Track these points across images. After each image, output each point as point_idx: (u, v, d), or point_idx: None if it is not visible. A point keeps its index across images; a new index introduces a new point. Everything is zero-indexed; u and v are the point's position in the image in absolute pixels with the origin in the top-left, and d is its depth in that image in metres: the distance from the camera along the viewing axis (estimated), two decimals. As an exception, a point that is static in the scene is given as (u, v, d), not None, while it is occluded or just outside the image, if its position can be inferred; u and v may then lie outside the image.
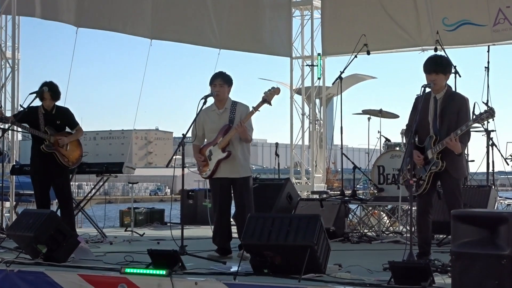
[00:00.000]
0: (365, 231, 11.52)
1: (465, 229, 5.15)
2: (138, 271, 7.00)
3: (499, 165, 12.88)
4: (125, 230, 12.05)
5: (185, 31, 15.12)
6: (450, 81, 7.96)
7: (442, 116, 7.63)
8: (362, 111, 13.22)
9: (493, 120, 7.57)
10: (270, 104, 8.59)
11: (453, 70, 11.44)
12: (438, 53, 11.56)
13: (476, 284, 4.98)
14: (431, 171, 7.61)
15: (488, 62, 13.07)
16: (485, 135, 12.51)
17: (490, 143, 12.55)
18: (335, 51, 15.99)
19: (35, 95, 9.61)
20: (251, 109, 8.66)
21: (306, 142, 16.56)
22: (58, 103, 10.04)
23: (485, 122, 11.89)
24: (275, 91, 8.60)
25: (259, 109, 8.60)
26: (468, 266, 5.03)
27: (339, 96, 13.02)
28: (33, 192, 10.36)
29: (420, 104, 7.55)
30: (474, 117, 7.54)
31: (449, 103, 7.61)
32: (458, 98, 7.72)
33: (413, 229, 7.43)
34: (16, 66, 13.24)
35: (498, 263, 4.90)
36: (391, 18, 14.81)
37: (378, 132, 13.09)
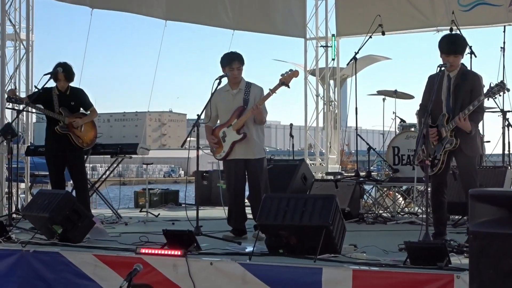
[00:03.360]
0: (380, 212, 11.49)
1: (483, 208, 5.09)
2: (153, 251, 7.00)
3: (515, 146, 12.81)
4: (140, 211, 12.07)
5: (199, 12, 15.05)
6: (466, 62, 7.91)
7: (455, 94, 7.57)
8: (377, 91, 13.17)
9: (505, 93, 7.51)
10: (288, 86, 8.49)
11: (468, 51, 11.39)
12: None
13: (494, 264, 4.93)
14: (445, 149, 7.57)
15: (504, 43, 13.01)
16: (501, 116, 12.44)
17: (506, 124, 12.48)
18: (350, 32, 15.91)
19: (49, 76, 9.58)
20: (267, 91, 8.60)
21: (320, 124, 16.52)
22: (72, 84, 10.03)
23: (500, 102, 11.84)
24: (293, 73, 8.51)
25: (276, 92, 8.53)
26: (486, 245, 4.98)
27: (353, 77, 12.96)
28: (48, 173, 10.39)
29: (436, 84, 7.49)
30: (485, 92, 7.46)
31: (463, 81, 7.55)
32: (472, 76, 7.66)
33: (428, 210, 7.38)
34: (30, 48, 13.21)
35: (516, 243, 4.86)
36: (406, -2, 14.73)
37: (393, 113, 13.03)
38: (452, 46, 7.58)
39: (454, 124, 7.44)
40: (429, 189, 7.53)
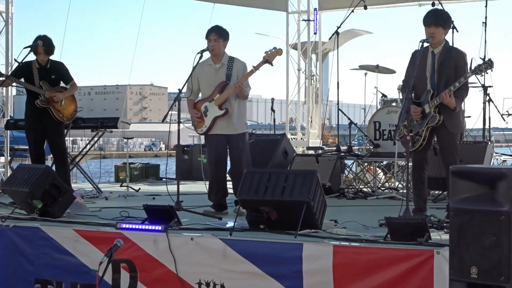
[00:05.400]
0: (361, 187, 11.52)
1: (464, 185, 5.12)
2: (134, 226, 6.99)
3: (495, 121, 12.89)
4: (121, 186, 12.04)
5: (180, -15, 14.98)
6: (448, 37, 7.89)
7: (439, 71, 7.57)
8: (359, 66, 13.16)
9: (491, 71, 7.52)
10: (272, 64, 8.53)
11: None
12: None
13: (474, 240, 4.96)
14: (428, 126, 7.57)
15: (486, 17, 13.00)
16: (482, 91, 12.48)
17: (487, 99, 12.52)
18: (332, 5, 15.92)
19: (29, 49, 9.50)
20: (250, 68, 8.58)
21: (302, 98, 16.54)
22: (52, 57, 9.95)
23: (482, 77, 11.87)
24: (277, 51, 8.53)
25: (259, 69, 8.54)
26: (466, 222, 5.01)
27: (335, 51, 12.95)
28: (27, 147, 10.32)
29: (418, 59, 7.48)
30: (473, 68, 7.47)
31: (447, 58, 7.54)
32: (456, 52, 7.65)
33: (409, 185, 7.41)
34: (10, 20, 13.11)
35: (497, 219, 4.87)
36: (388, -29, 14.72)
37: (375, 87, 13.05)
38: (432, 17, 7.58)
39: (438, 100, 7.43)
40: (410, 164, 7.55)
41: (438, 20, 7.56)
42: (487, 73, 8.74)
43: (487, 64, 7.32)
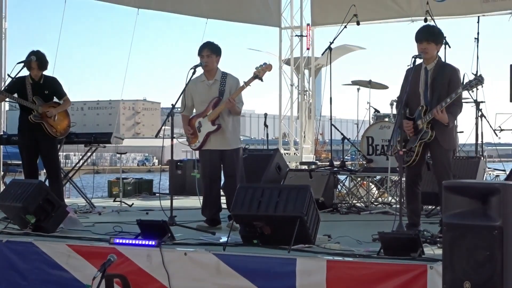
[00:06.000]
0: (354, 202, 11.53)
1: (456, 200, 5.14)
2: (127, 241, 6.98)
3: (487, 137, 12.93)
4: (114, 201, 12.03)
5: (172, 0, 14.98)
6: (440, 53, 7.93)
7: (432, 87, 7.60)
8: (352, 81, 13.21)
9: (482, 87, 7.55)
10: (262, 80, 8.55)
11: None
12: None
13: (467, 255, 4.98)
14: (421, 141, 7.59)
15: (478, 33, 13.08)
16: (474, 106, 12.52)
17: (479, 114, 12.56)
18: (325, 21, 15.92)
19: (22, 64, 9.52)
20: (241, 83, 8.62)
21: (295, 113, 16.56)
22: (45, 72, 9.96)
23: (474, 93, 11.91)
24: (267, 67, 8.56)
25: (250, 84, 8.57)
26: (459, 237, 5.03)
27: (328, 67, 12.97)
28: (21, 162, 10.31)
29: (411, 75, 7.51)
30: (463, 84, 7.50)
31: (440, 74, 7.58)
32: (449, 68, 7.68)
33: (402, 200, 7.42)
34: (3, 35, 13.10)
35: (490, 234, 4.90)
36: (380, -12, 14.75)
37: (367, 103, 13.07)
38: (425, 33, 7.62)
39: (430, 116, 7.46)
40: (403, 179, 7.56)
41: (430, 36, 7.59)
42: (477, 89, 8.78)
43: (477, 80, 7.36)
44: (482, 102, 12.59)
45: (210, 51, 8.69)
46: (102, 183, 17.26)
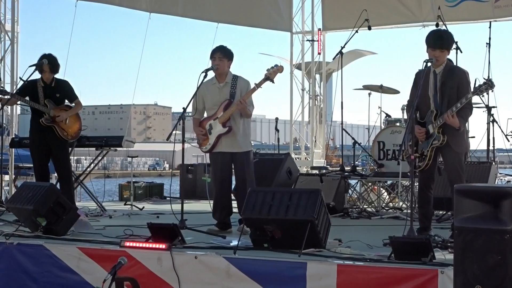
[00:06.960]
0: (365, 206, 11.51)
1: (468, 203, 5.13)
2: (138, 244, 6.98)
3: (499, 142, 12.88)
4: (125, 204, 12.03)
5: (184, 4, 15.00)
6: (452, 57, 7.92)
7: (442, 91, 7.58)
8: (363, 86, 13.17)
9: (492, 91, 7.52)
10: (273, 82, 8.54)
11: (454, 46, 11.41)
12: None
13: (478, 259, 4.96)
14: (432, 146, 7.58)
15: (490, 38, 13.04)
16: (486, 111, 12.48)
17: (491, 120, 12.52)
18: (336, 26, 15.93)
19: (34, 68, 9.55)
20: (252, 85, 8.61)
21: (306, 118, 16.53)
22: (57, 76, 9.98)
23: (485, 98, 11.88)
24: (278, 69, 8.54)
25: (261, 86, 8.56)
26: (471, 241, 5.01)
27: (339, 71, 12.97)
28: (32, 166, 10.33)
29: (422, 79, 7.50)
30: (473, 89, 7.48)
31: (449, 77, 7.56)
32: (458, 71, 7.67)
33: (413, 205, 7.40)
34: (15, 39, 13.18)
35: (501, 238, 4.88)
36: (392, -7, 14.75)
37: (379, 107, 13.05)
38: (438, 40, 7.59)
39: (441, 121, 7.44)
40: (415, 184, 7.54)
41: (444, 43, 7.57)
42: (488, 93, 8.75)
43: (487, 85, 7.33)
44: (494, 107, 12.56)
45: (222, 54, 8.70)
46: (113, 188, 17.30)
